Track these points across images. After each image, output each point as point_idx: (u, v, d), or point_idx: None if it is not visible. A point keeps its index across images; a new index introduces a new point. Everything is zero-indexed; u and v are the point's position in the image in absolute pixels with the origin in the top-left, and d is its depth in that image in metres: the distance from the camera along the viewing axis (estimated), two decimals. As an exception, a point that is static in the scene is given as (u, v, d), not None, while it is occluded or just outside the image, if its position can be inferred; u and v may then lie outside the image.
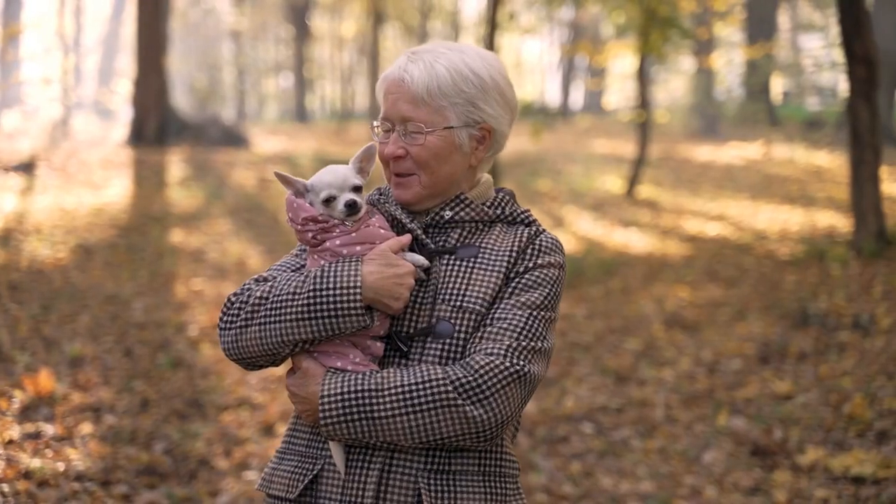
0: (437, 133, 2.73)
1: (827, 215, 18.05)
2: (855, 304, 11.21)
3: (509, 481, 2.78)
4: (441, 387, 2.55)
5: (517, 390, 2.59)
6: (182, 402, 7.92)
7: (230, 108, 54.24)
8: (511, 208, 2.87)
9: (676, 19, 20.64)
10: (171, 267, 13.03)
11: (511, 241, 2.79)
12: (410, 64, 2.75)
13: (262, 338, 2.67)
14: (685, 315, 11.23)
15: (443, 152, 2.75)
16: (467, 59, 2.75)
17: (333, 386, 2.62)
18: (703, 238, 16.59)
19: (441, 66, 2.72)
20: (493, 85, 2.77)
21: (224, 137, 27.65)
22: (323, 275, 2.65)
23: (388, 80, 2.79)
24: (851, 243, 14.11)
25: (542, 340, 2.66)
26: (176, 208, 17.60)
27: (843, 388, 8.47)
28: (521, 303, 2.68)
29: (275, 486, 2.80)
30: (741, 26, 37.67)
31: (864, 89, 13.90)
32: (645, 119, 21.68)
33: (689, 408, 8.26)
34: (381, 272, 2.64)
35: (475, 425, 2.55)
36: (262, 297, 2.70)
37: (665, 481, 6.75)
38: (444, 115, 2.74)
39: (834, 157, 26.45)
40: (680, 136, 35.51)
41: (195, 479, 6.51)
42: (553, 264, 2.77)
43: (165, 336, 9.67)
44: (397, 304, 2.65)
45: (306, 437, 2.80)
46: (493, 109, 2.78)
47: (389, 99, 2.77)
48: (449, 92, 2.72)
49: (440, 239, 2.80)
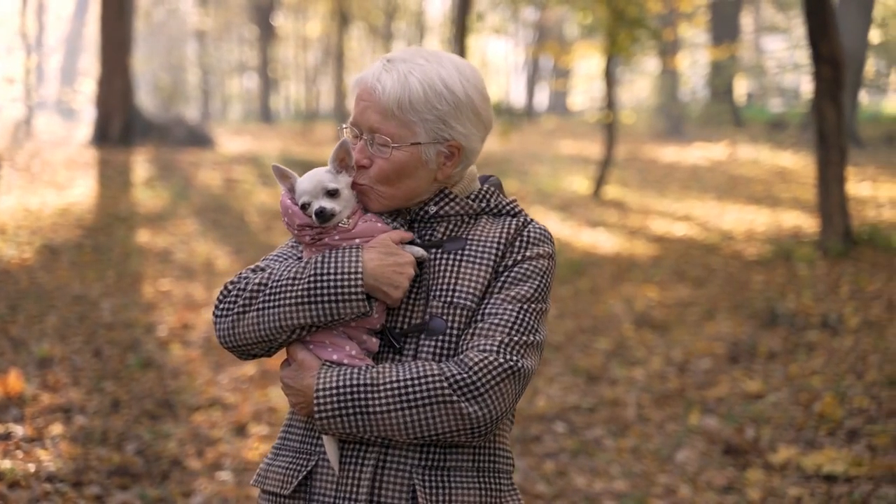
0: (404, 148, 2.68)
1: (792, 216, 18.17)
2: (822, 303, 11.29)
3: (504, 477, 2.76)
4: (436, 383, 2.53)
5: (511, 386, 2.57)
6: (153, 403, 7.86)
7: (194, 109, 53.99)
8: (496, 200, 2.82)
9: (645, 19, 20.71)
10: (138, 267, 12.95)
11: (498, 232, 2.75)
12: (384, 73, 2.67)
13: (261, 323, 2.64)
14: (654, 315, 11.26)
15: (407, 168, 2.70)
16: (444, 73, 2.68)
17: (329, 379, 2.59)
18: (670, 238, 16.65)
19: (415, 79, 2.65)
20: (467, 102, 2.70)
21: (189, 137, 27.54)
22: (324, 260, 2.63)
23: (360, 84, 2.72)
24: (818, 243, 14.22)
25: (533, 334, 2.64)
26: (142, 208, 17.50)
27: (813, 387, 8.52)
28: (512, 296, 2.66)
29: (269, 482, 2.78)
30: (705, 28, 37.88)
31: (831, 90, 14.00)
32: (612, 120, 21.75)
33: (660, 407, 8.28)
34: (382, 259, 2.62)
35: (470, 422, 2.53)
36: (260, 283, 2.67)
37: (638, 480, 6.76)
38: (413, 130, 2.67)
39: (798, 158, 26.65)
40: (645, 136, 35.64)
41: (168, 479, 6.46)
42: (542, 255, 2.75)
43: (134, 336, 9.61)
44: (396, 293, 2.63)
45: (301, 433, 2.78)
46: (464, 128, 2.72)
47: (360, 105, 2.71)
48: (420, 108, 2.65)
49: (426, 233, 2.77)
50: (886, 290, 11.75)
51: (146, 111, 29.86)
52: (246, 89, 63.65)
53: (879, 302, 11.21)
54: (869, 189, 20.17)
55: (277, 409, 7.84)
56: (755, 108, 44.78)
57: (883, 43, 37.33)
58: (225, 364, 8.99)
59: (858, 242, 14.16)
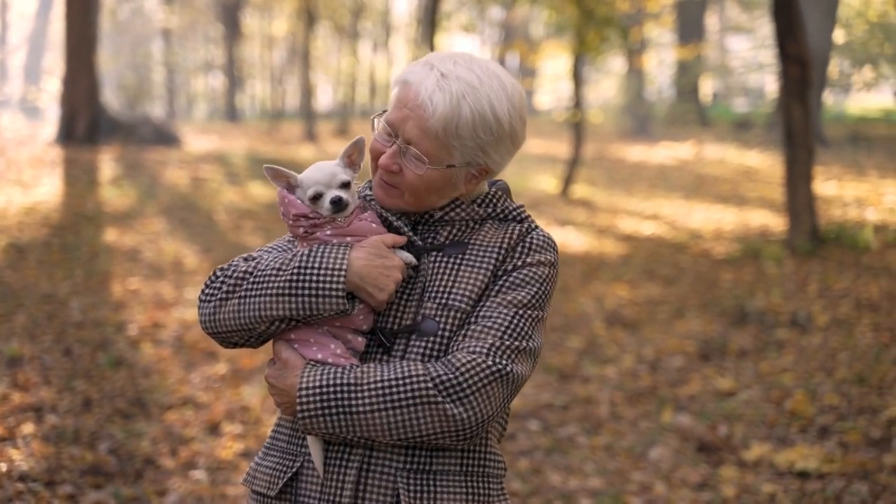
0: (438, 169, 2.64)
1: (760, 214, 18.28)
2: (791, 301, 11.36)
3: (493, 482, 2.73)
4: (421, 383, 2.50)
5: (499, 390, 2.53)
6: (125, 402, 7.81)
7: (159, 107, 53.73)
8: (503, 205, 2.79)
9: (614, 18, 20.78)
10: (107, 266, 12.85)
11: (500, 237, 2.73)
12: (437, 91, 2.58)
13: (241, 311, 2.63)
14: (625, 313, 11.29)
15: (435, 186, 2.67)
16: (494, 99, 2.60)
17: (312, 379, 2.57)
18: (638, 237, 16.70)
19: (468, 105, 2.57)
20: (510, 132, 2.66)
21: (155, 136, 27.39)
22: (310, 254, 2.61)
23: (407, 88, 2.64)
24: (786, 242, 14.30)
25: (527, 340, 2.60)
26: (109, 207, 17.37)
27: (784, 384, 8.57)
28: (508, 301, 2.62)
29: (258, 482, 2.77)
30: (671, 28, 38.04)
31: (798, 89, 14.09)
32: (579, 119, 21.80)
33: (633, 405, 8.30)
34: (370, 260, 2.60)
35: (454, 424, 2.50)
36: (246, 271, 2.66)
37: (613, 477, 6.77)
38: (451, 153, 2.63)
39: (765, 158, 26.80)
40: (612, 136, 35.76)
41: (141, 478, 6.42)
42: (543, 262, 2.71)
43: (105, 335, 9.54)
44: (381, 296, 2.60)
45: (288, 434, 2.77)
46: (499, 157, 2.69)
47: (402, 112, 2.64)
48: (465, 135, 2.59)
49: (429, 236, 2.74)
50: (854, 288, 11.83)
51: (112, 110, 29.66)
52: (211, 88, 63.40)
53: (847, 300, 11.28)
54: (835, 188, 20.30)
55: (250, 408, 7.81)
56: (720, 107, 45.01)
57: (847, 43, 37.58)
58: (197, 363, 8.95)
59: (825, 241, 14.26)
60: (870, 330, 10.08)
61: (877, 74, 41.52)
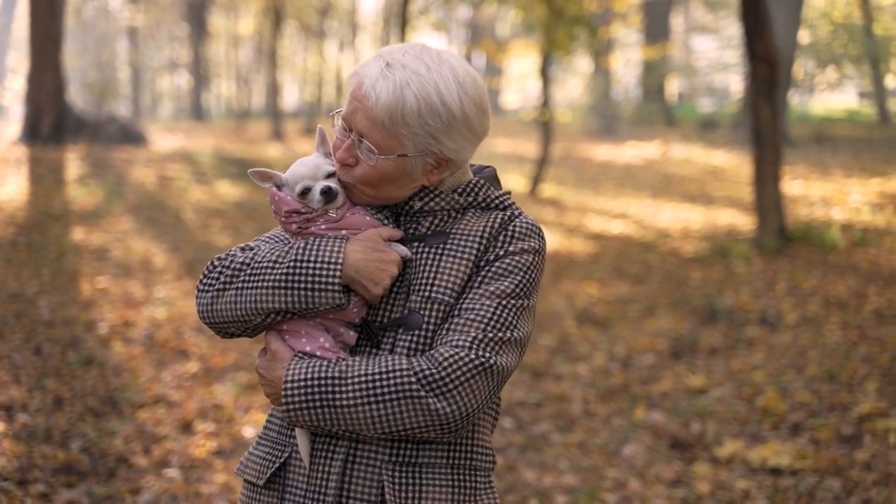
0: (389, 159, 2.61)
1: (727, 213, 18.38)
2: (761, 300, 11.42)
3: (480, 475, 2.72)
4: (404, 378, 2.49)
5: (483, 383, 2.52)
6: (96, 400, 7.76)
7: (124, 106, 53.45)
8: (485, 193, 2.76)
9: (584, 17, 20.83)
10: (75, 265, 12.76)
11: (482, 226, 2.69)
12: (380, 80, 2.57)
13: (238, 303, 2.63)
14: (596, 311, 11.32)
15: (390, 177, 2.64)
16: (442, 86, 2.57)
17: (298, 371, 2.56)
18: (607, 236, 16.75)
19: (411, 92, 2.55)
20: (462, 119, 2.62)
21: (122, 135, 27.22)
22: (307, 247, 2.60)
23: (357, 79, 2.64)
24: (754, 241, 14.39)
25: (511, 330, 2.58)
26: (76, 206, 17.25)
27: (755, 381, 8.62)
28: (490, 292, 2.60)
29: (248, 471, 2.78)
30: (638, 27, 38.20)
31: (766, 89, 14.18)
32: (548, 118, 21.83)
33: (605, 402, 8.33)
34: (366, 254, 2.59)
35: (438, 418, 2.49)
36: (244, 262, 2.65)
37: (587, 474, 6.79)
38: (402, 142, 2.60)
39: (731, 157, 26.94)
40: (579, 135, 35.86)
41: (114, 477, 6.38)
42: (527, 250, 2.68)
43: (74, 334, 9.47)
44: (376, 290, 2.60)
45: (278, 424, 2.77)
46: (454, 143, 2.64)
47: (352, 104, 2.64)
48: (411, 122, 2.57)
49: (411, 227, 2.72)
50: (822, 286, 11.91)
51: (77, 108, 29.46)
52: (177, 87, 63.14)
53: (816, 298, 11.36)
54: (801, 188, 20.42)
55: (223, 407, 7.78)
56: (686, 107, 45.23)
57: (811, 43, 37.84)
58: (168, 361, 8.90)
59: (793, 240, 14.35)
60: (838, 328, 10.15)
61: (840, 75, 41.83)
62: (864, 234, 15.06)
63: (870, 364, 8.91)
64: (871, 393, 8.12)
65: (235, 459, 6.80)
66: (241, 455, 6.82)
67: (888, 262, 13.24)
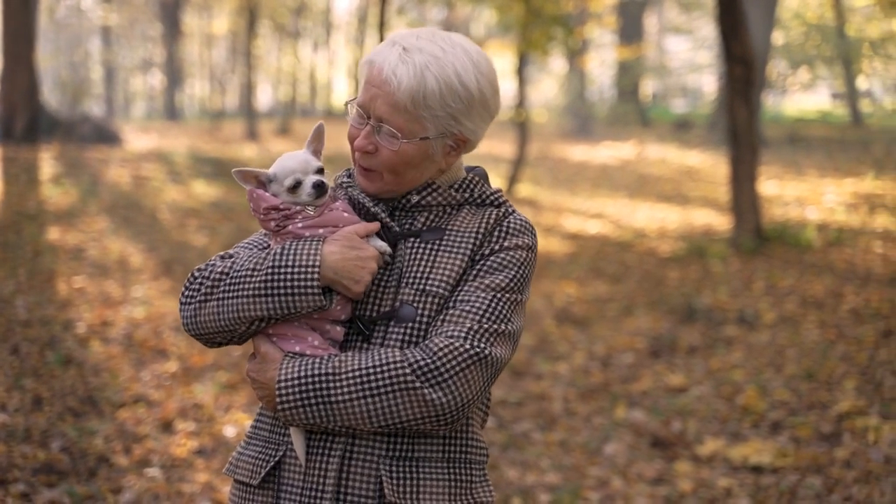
0: (412, 143, 2.63)
1: (703, 213, 18.45)
2: (738, 299, 11.47)
3: (476, 468, 2.74)
4: (399, 369, 2.49)
5: (478, 373, 2.53)
6: (76, 400, 7.71)
7: (97, 106, 53.21)
8: (479, 190, 2.79)
9: (562, 17, 20.86)
10: (51, 265, 12.69)
11: (478, 222, 2.72)
12: (400, 65, 2.59)
13: (220, 313, 2.63)
14: (574, 311, 11.34)
15: (413, 160, 2.66)
16: (459, 67, 2.61)
17: (290, 370, 2.56)
18: (584, 236, 16.78)
19: (432, 74, 2.58)
20: (480, 99, 2.65)
21: (95, 135, 27.08)
22: (283, 252, 2.59)
23: (372, 69, 2.65)
24: (730, 240, 14.44)
25: (505, 323, 2.60)
26: (50, 206, 17.14)
27: (734, 380, 8.65)
28: (486, 285, 2.61)
29: (240, 472, 2.76)
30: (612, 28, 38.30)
31: (742, 89, 14.23)
32: (524, 118, 21.85)
33: (586, 401, 8.34)
34: (343, 253, 2.59)
35: (434, 409, 2.49)
36: (223, 272, 2.65)
37: (570, 473, 6.80)
38: (423, 125, 2.62)
39: (706, 157, 27.05)
40: (554, 135, 35.92)
41: (95, 476, 6.35)
42: (521, 246, 2.70)
43: (52, 333, 9.42)
44: (357, 288, 2.60)
45: (269, 423, 2.75)
46: (473, 124, 2.68)
47: (370, 91, 2.64)
48: (433, 105, 2.60)
49: (406, 222, 2.74)
50: (798, 286, 11.97)
51: (51, 108, 29.30)
52: (150, 87, 62.91)
53: (793, 298, 11.41)
54: (775, 188, 20.52)
55: (203, 406, 7.76)
56: (660, 108, 45.39)
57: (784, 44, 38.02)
58: (147, 361, 8.87)
59: (769, 239, 14.41)
60: (815, 327, 10.20)
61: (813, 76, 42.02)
62: (839, 233, 15.15)
63: (848, 363, 8.96)
64: (849, 391, 8.16)
65: (217, 459, 6.78)
66: (224, 454, 6.82)
67: (863, 261, 13.31)
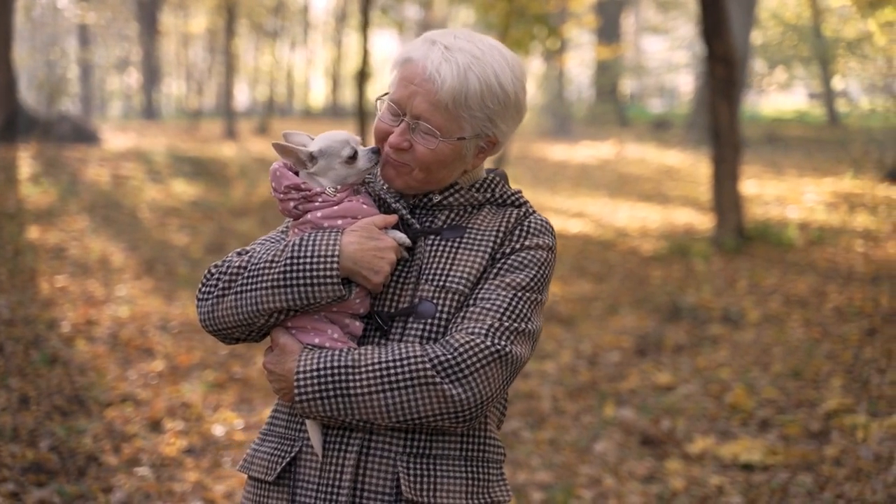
0: (449, 142, 2.64)
1: (683, 213, 18.49)
2: (722, 298, 11.50)
3: (493, 466, 2.73)
4: (419, 364, 2.48)
5: (498, 370, 2.52)
6: (63, 399, 7.66)
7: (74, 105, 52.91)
8: (500, 190, 2.78)
9: (545, 16, 20.84)
10: (32, 264, 12.61)
11: (498, 221, 2.72)
12: (444, 63, 2.59)
13: (238, 307, 2.61)
14: (560, 309, 11.34)
15: (447, 160, 2.66)
16: (498, 69, 2.62)
17: (309, 362, 2.55)
18: (566, 235, 16.76)
19: (474, 75, 2.58)
20: (514, 101, 2.67)
21: (74, 134, 26.87)
22: (301, 243, 2.59)
23: (411, 67, 2.64)
24: (712, 239, 14.48)
25: (525, 322, 2.59)
26: (30, 205, 17.04)
27: (722, 378, 8.68)
28: (506, 283, 2.61)
29: (255, 468, 2.74)
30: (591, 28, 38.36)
31: (724, 88, 14.28)
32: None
33: (574, 399, 8.34)
34: (362, 244, 2.58)
35: (453, 405, 2.48)
36: (240, 266, 2.64)
37: (561, 471, 6.79)
38: (461, 125, 2.63)
39: (685, 157, 27.12)
40: (533, 135, 35.94)
41: (85, 475, 6.31)
42: (541, 246, 2.70)
43: (36, 332, 9.35)
44: (377, 279, 2.59)
45: (285, 419, 2.73)
46: (506, 126, 2.70)
47: (408, 88, 2.64)
48: (473, 105, 2.60)
49: (427, 220, 2.73)
50: (781, 285, 12.02)
51: (29, 107, 29.11)
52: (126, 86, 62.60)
53: (776, 296, 11.46)
54: (755, 187, 20.59)
55: (191, 405, 7.73)
56: (637, 107, 45.50)
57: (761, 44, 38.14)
58: (133, 360, 8.82)
59: (751, 238, 14.46)
60: (800, 325, 10.24)
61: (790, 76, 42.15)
62: (820, 233, 15.22)
63: (833, 361, 9.00)
64: (836, 389, 8.20)
65: (206, 458, 6.75)
66: (213, 453, 6.80)
67: (845, 260, 13.38)
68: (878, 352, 9.16)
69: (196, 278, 12.36)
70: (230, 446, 7.00)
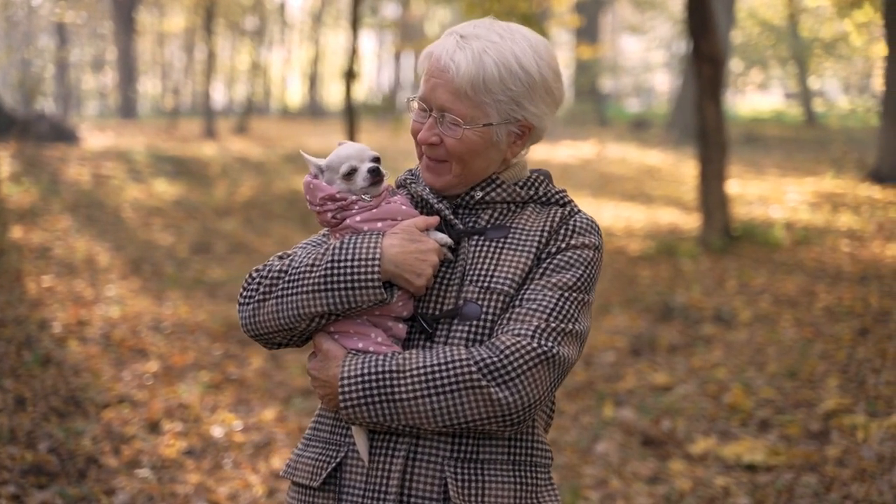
0: (475, 129, 2.60)
1: (667, 212, 18.51)
2: (712, 297, 11.51)
3: (541, 471, 2.69)
4: (465, 367, 2.44)
5: (545, 372, 2.47)
6: (59, 400, 7.59)
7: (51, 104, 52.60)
8: (545, 188, 2.74)
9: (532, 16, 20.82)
10: (17, 264, 12.51)
11: (543, 221, 2.67)
12: (458, 51, 2.56)
13: (279, 311, 2.58)
14: (551, 309, 11.30)
15: (478, 148, 2.62)
16: (518, 51, 2.57)
17: (353, 368, 2.51)
18: (552, 234, 16.77)
19: (490, 58, 2.55)
20: (541, 82, 2.61)
21: (53, 133, 26.71)
22: (342, 247, 2.55)
23: (431, 59, 2.63)
24: (699, 239, 14.48)
25: (573, 322, 2.55)
26: (11, 205, 16.92)
27: (718, 378, 8.67)
28: (553, 283, 2.56)
29: (299, 474, 2.70)
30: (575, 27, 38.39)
31: (711, 88, 14.29)
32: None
33: (573, 400, 8.32)
34: (403, 246, 2.54)
35: (500, 408, 2.44)
36: (281, 269, 2.61)
37: (564, 472, 6.77)
38: (485, 111, 2.59)
39: (666, 157, 27.16)
40: (512, 135, 35.90)
41: (86, 477, 6.25)
42: (588, 245, 2.65)
43: (28, 333, 9.27)
44: (419, 281, 2.55)
45: (330, 424, 2.69)
46: (536, 108, 2.63)
47: (430, 82, 2.62)
48: (494, 89, 2.56)
49: (470, 220, 2.69)
50: (770, 284, 12.03)
51: (7, 106, 28.91)
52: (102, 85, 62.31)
53: (766, 296, 11.47)
54: (737, 187, 20.62)
55: (189, 406, 7.68)
56: (615, 107, 45.60)
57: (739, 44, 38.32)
58: (127, 361, 8.76)
59: (737, 238, 14.48)
60: (792, 325, 10.25)
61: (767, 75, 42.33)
62: (805, 232, 15.25)
63: (828, 361, 9.01)
64: (832, 389, 8.20)
65: (207, 459, 6.71)
66: (213, 455, 6.75)
67: (832, 259, 13.41)
68: (872, 352, 9.17)
69: (184, 278, 12.31)
70: (230, 448, 6.96)
